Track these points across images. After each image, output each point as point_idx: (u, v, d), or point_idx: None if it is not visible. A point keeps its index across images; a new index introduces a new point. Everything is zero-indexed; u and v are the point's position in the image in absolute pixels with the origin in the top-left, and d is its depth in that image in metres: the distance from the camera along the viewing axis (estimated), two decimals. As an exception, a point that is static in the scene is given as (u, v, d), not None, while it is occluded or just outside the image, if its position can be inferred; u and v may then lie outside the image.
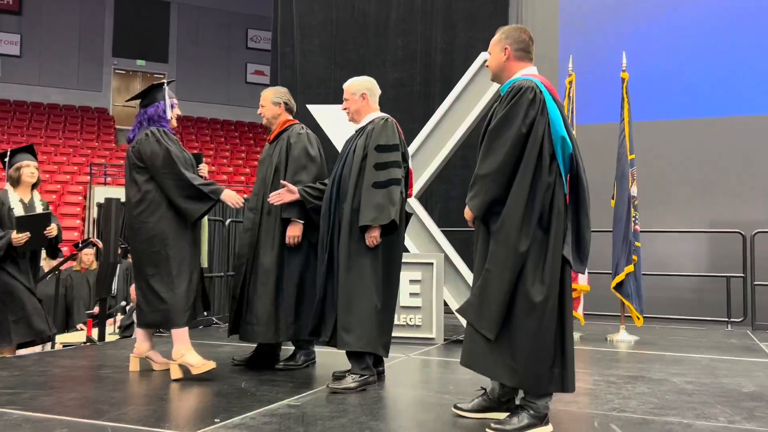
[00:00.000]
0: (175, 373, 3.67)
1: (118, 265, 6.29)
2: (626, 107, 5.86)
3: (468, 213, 2.81)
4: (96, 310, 5.73)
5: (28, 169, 4.81)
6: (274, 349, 4.11)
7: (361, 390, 3.42)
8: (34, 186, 4.88)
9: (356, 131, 3.80)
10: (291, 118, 4.24)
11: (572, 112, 6.00)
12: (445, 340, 5.26)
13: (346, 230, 3.55)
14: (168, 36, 22.83)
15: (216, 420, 2.80)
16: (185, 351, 3.70)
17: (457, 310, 2.97)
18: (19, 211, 4.69)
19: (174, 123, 3.95)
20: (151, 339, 3.90)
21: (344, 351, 3.56)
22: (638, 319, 5.64)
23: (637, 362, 4.53)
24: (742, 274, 6.75)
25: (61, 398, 3.20)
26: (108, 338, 5.75)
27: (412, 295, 5.20)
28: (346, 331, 3.45)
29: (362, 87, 3.77)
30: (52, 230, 4.71)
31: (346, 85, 3.82)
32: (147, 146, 3.71)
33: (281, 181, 3.89)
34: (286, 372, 3.93)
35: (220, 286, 7.29)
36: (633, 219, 5.66)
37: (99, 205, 4.83)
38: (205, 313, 7.43)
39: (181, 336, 3.71)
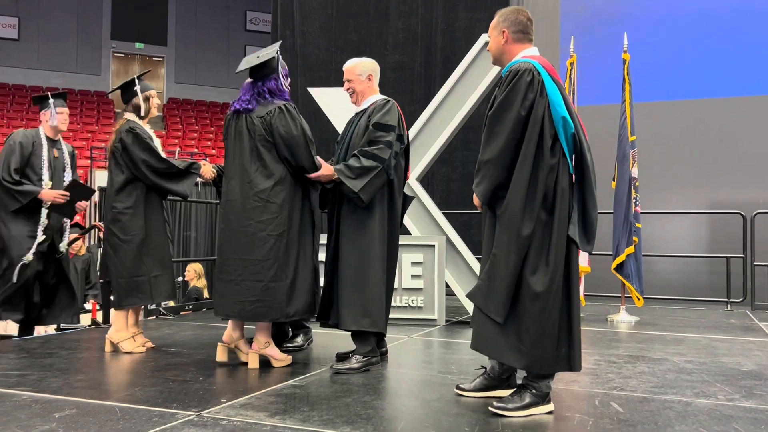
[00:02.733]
0: (254, 363, 3.54)
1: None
2: (627, 88, 5.85)
3: (476, 198, 2.84)
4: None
5: (155, 99, 4.26)
6: (281, 328, 4.14)
7: (364, 370, 3.47)
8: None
9: (357, 113, 3.78)
10: None
11: (573, 93, 5.99)
12: (446, 321, 5.30)
13: (348, 212, 3.57)
14: (166, 18, 22.72)
15: (222, 400, 2.85)
16: (268, 343, 3.57)
17: (466, 295, 3.01)
18: (160, 149, 4.09)
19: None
20: (242, 328, 3.65)
21: (346, 331, 3.61)
22: (638, 299, 5.67)
23: (637, 342, 4.57)
24: (742, 255, 6.78)
25: (68, 380, 3.24)
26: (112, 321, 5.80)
27: (413, 277, 5.23)
28: (353, 309, 3.49)
29: (367, 68, 3.74)
30: None
31: (348, 66, 3.75)
32: (281, 122, 3.44)
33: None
34: (288, 353, 3.97)
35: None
36: (634, 200, 5.68)
37: (100, 189, 4.74)
38: (207, 296, 7.48)
39: (265, 327, 3.56)
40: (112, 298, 4.33)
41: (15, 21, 21.13)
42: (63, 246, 4.83)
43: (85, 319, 6.41)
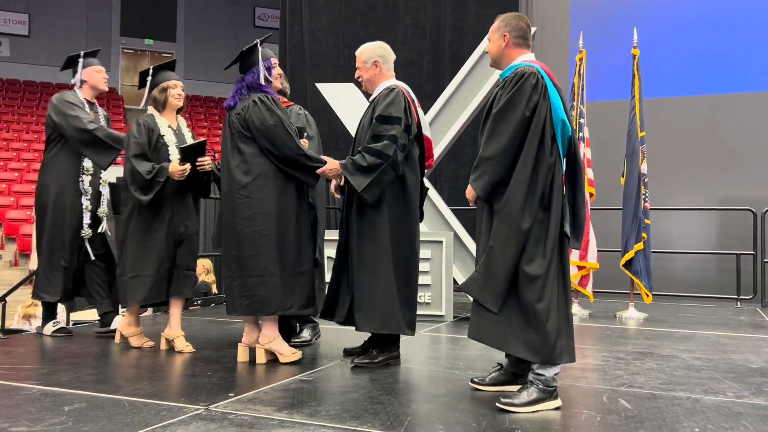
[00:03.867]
0: (261, 358, 3.54)
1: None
2: (637, 84, 5.82)
3: (470, 193, 2.91)
4: None
5: (176, 89, 4.08)
6: (289, 323, 4.15)
7: (384, 365, 3.48)
8: (179, 110, 4.16)
9: (370, 102, 3.67)
10: (285, 99, 4.20)
11: (582, 89, 5.96)
12: (454, 317, 5.30)
13: (358, 209, 3.53)
14: (175, 15, 22.76)
15: (230, 394, 2.86)
16: (274, 337, 3.55)
17: (461, 285, 3.05)
18: (170, 138, 3.99)
19: (278, 85, 3.73)
20: (258, 326, 3.61)
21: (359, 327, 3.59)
22: (647, 296, 5.65)
23: (645, 339, 4.55)
24: (752, 252, 6.74)
25: (77, 374, 3.26)
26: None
27: (421, 273, 5.20)
28: (365, 312, 3.44)
29: (374, 54, 3.63)
30: (205, 162, 3.94)
31: (357, 53, 3.67)
32: (256, 114, 3.42)
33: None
34: (296, 348, 3.98)
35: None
36: (643, 196, 5.65)
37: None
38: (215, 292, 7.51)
39: (271, 322, 3.54)
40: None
41: (25, 17, 21.23)
42: (102, 211, 4.46)
43: (93, 314, 6.45)
